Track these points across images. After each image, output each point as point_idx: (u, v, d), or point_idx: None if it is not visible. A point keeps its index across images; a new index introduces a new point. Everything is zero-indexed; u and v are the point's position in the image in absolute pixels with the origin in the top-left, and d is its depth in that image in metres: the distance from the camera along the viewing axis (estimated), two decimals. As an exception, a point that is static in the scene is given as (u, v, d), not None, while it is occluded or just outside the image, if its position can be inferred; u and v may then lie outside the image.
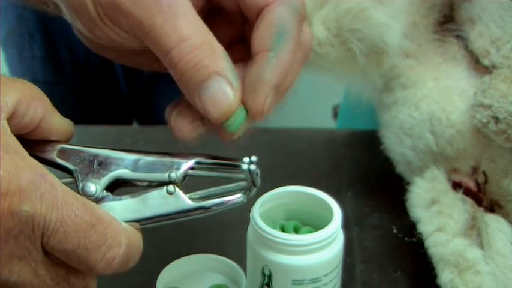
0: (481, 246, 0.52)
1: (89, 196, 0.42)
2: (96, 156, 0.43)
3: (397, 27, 0.57)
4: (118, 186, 0.43)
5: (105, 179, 0.42)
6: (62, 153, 0.43)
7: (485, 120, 0.54)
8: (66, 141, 0.44)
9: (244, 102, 0.42)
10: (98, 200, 0.42)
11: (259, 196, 0.49)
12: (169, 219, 0.43)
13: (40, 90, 0.42)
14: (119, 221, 0.40)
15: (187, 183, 0.44)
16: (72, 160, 0.43)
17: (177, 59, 0.40)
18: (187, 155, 0.43)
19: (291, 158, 0.72)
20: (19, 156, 0.37)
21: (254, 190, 0.44)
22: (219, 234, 0.61)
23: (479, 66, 0.58)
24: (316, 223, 0.49)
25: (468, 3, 0.58)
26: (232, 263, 0.53)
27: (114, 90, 1.04)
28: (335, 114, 1.43)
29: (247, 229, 0.48)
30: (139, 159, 0.43)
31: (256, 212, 0.47)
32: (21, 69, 1.00)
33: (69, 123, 0.44)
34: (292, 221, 0.50)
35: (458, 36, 0.60)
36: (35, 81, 0.43)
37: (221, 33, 0.42)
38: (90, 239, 0.38)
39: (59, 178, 0.39)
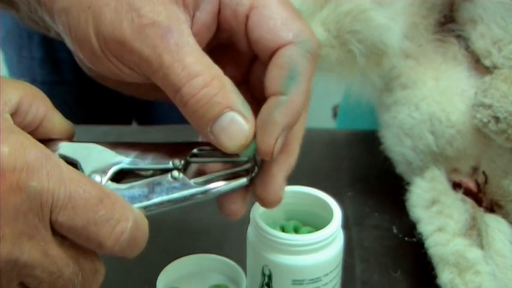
0: (481, 246, 0.52)
1: None
2: (97, 151, 0.44)
3: (397, 29, 0.57)
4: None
5: (110, 171, 0.43)
6: (64, 150, 0.44)
7: (485, 120, 0.54)
8: (68, 140, 0.45)
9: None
10: None
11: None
12: (175, 204, 0.43)
13: (40, 91, 0.43)
14: (126, 200, 0.40)
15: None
16: (76, 154, 0.43)
17: (188, 96, 0.40)
18: (188, 143, 0.44)
19: (291, 158, 0.72)
20: (24, 136, 0.37)
21: (256, 171, 0.44)
22: (219, 234, 0.61)
23: (479, 66, 0.58)
24: (316, 223, 0.49)
25: (469, 3, 0.58)
26: (232, 263, 0.53)
27: (113, 91, 1.04)
28: (335, 114, 1.43)
29: (247, 229, 0.48)
30: (142, 153, 0.44)
31: (256, 212, 0.47)
32: (20, 70, 1.00)
33: (69, 123, 0.45)
34: (292, 221, 0.50)
35: (458, 36, 0.60)
36: (33, 81, 0.43)
37: (226, 72, 0.42)
38: (98, 214, 0.38)
39: None
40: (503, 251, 0.52)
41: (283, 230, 0.49)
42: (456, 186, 0.58)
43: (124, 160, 0.43)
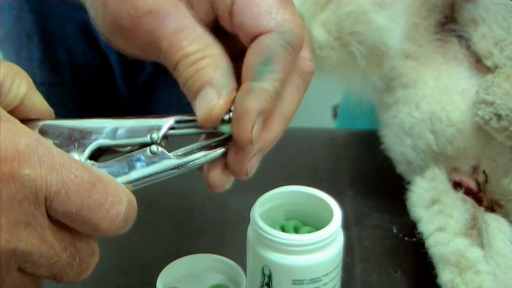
0: (482, 246, 0.52)
1: None
2: (74, 129, 0.44)
3: (397, 30, 0.57)
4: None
5: (87, 149, 0.43)
6: (43, 130, 0.44)
7: (487, 117, 0.54)
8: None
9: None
10: None
11: (259, 196, 0.49)
12: (156, 179, 0.43)
13: (21, 69, 0.43)
14: (116, 180, 0.40)
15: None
16: (52, 135, 0.43)
17: (180, 71, 0.43)
18: (166, 116, 0.44)
19: (291, 158, 0.72)
20: (12, 123, 0.37)
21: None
22: (219, 234, 0.61)
23: (480, 66, 0.58)
24: (316, 223, 0.49)
25: (471, 4, 0.58)
26: (232, 263, 0.53)
27: (112, 91, 1.04)
28: (335, 114, 1.43)
29: (247, 229, 0.48)
30: (118, 127, 0.44)
31: (256, 212, 0.47)
32: None
33: (48, 105, 0.45)
34: (292, 221, 0.50)
35: (459, 36, 0.60)
36: (33, 82, 0.43)
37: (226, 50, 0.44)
38: (92, 198, 0.38)
39: None
40: (503, 251, 0.52)
41: (283, 230, 0.49)
42: (456, 185, 0.58)
43: (101, 136, 0.43)
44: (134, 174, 0.42)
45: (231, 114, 0.42)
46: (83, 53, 0.95)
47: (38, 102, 0.44)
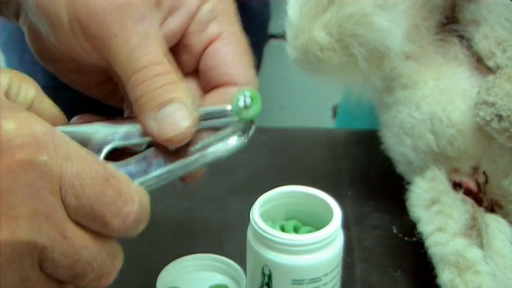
0: (481, 246, 0.52)
1: None
2: (87, 134, 0.43)
3: (398, 32, 0.57)
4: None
5: (104, 149, 0.42)
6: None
7: (488, 118, 0.54)
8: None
9: None
10: None
11: (259, 196, 0.49)
12: (176, 175, 0.42)
13: (27, 75, 0.42)
14: (131, 180, 0.40)
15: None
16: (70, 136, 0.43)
17: (144, 78, 0.41)
18: None
19: (291, 158, 0.72)
20: (27, 112, 0.37)
21: (253, 128, 0.43)
22: (219, 234, 0.61)
23: (481, 66, 0.58)
24: (316, 223, 0.49)
25: (473, 4, 0.58)
26: (232, 262, 0.53)
27: (115, 95, 1.04)
28: (335, 114, 1.43)
29: (247, 229, 0.48)
30: (131, 128, 0.43)
31: (256, 212, 0.47)
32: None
33: (59, 110, 0.44)
34: (292, 221, 0.50)
35: (460, 36, 0.60)
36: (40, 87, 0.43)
37: (179, 61, 0.45)
38: (105, 193, 0.37)
39: None
40: (503, 251, 0.52)
41: (283, 229, 0.49)
42: (456, 186, 0.58)
43: (116, 137, 0.42)
44: (153, 171, 0.41)
45: (247, 100, 0.42)
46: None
47: (49, 106, 0.43)
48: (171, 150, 0.42)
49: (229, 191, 0.66)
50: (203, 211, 0.64)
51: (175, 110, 0.41)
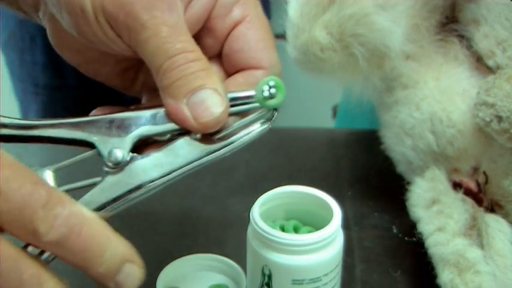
0: (481, 246, 0.52)
1: (118, 163, 0.41)
2: (112, 121, 0.42)
3: (399, 32, 0.56)
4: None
5: (128, 141, 0.42)
6: (76, 126, 0.43)
7: (488, 119, 0.54)
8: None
9: None
10: (128, 163, 0.41)
11: (259, 196, 0.49)
12: (201, 164, 0.42)
13: None
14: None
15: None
16: (88, 131, 0.42)
17: (177, 64, 0.41)
18: None
19: (291, 158, 0.72)
20: None
21: (275, 115, 0.43)
22: (219, 234, 0.61)
23: (481, 66, 0.58)
24: (316, 223, 0.49)
25: (473, 4, 0.58)
26: (232, 262, 0.53)
27: (116, 95, 1.04)
28: (335, 114, 1.43)
29: (247, 229, 0.48)
30: (156, 113, 0.43)
31: (256, 212, 0.47)
32: (22, 74, 0.99)
33: None
34: (292, 220, 0.50)
35: (460, 36, 0.60)
36: (36, 86, 0.43)
37: (203, 43, 0.45)
38: (33, 197, 0.34)
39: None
40: (503, 251, 0.52)
41: (283, 229, 0.49)
42: (456, 186, 0.58)
43: (140, 127, 0.42)
44: (179, 162, 0.41)
45: (272, 90, 0.42)
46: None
47: None
48: (197, 139, 0.42)
49: (230, 191, 0.66)
50: (203, 211, 0.64)
51: (208, 96, 0.41)
